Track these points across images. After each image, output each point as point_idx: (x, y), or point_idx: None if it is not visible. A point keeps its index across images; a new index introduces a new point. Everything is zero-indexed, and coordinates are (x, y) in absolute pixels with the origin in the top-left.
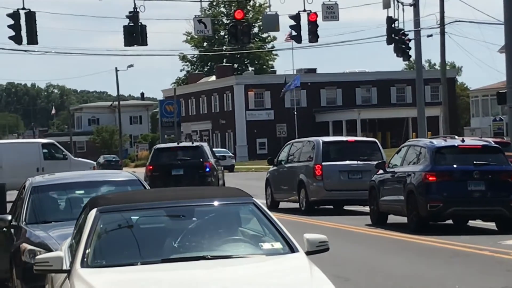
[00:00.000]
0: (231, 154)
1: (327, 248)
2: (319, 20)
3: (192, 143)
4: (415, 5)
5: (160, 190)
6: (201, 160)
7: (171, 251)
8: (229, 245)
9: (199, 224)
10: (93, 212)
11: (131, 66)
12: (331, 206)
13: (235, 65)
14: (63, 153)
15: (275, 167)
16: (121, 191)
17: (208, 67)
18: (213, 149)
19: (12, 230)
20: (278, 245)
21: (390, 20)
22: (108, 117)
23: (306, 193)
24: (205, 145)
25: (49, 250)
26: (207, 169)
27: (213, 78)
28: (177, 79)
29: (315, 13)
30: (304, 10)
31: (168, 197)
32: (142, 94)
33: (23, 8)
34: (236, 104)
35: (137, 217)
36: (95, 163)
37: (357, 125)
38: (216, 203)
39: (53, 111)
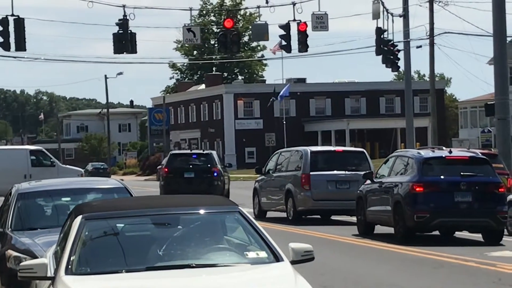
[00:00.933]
0: None
1: (312, 257)
2: (309, 30)
3: (203, 150)
4: (405, 16)
5: (146, 198)
6: (209, 165)
7: (156, 259)
8: (214, 253)
9: (184, 232)
10: (78, 219)
11: (120, 73)
12: (319, 216)
13: (225, 74)
14: (51, 160)
15: (263, 176)
16: (107, 199)
17: (198, 75)
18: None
19: None
20: (263, 254)
21: (379, 31)
22: (97, 124)
23: (293, 202)
24: (214, 153)
25: (34, 257)
26: (215, 174)
27: (203, 86)
28: (166, 87)
29: (305, 23)
30: (294, 20)
31: (154, 205)
32: (131, 102)
33: (12, 15)
34: (225, 113)
35: (123, 225)
36: (83, 170)
37: (346, 135)
38: (201, 211)
39: (41, 117)
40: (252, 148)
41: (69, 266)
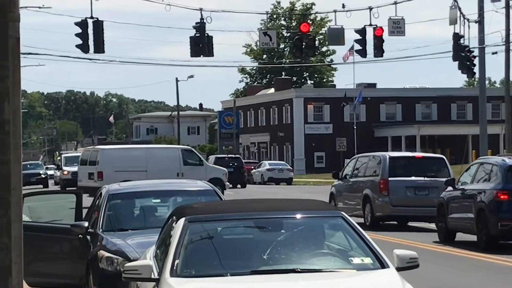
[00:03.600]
0: (289, 167)
1: (417, 264)
2: (385, 35)
3: (234, 155)
4: (480, 22)
5: (247, 201)
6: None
7: (260, 263)
8: (318, 258)
9: (288, 237)
10: (181, 222)
11: (191, 76)
12: (395, 222)
13: (294, 78)
14: (200, 159)
15: (340, 181)
16: (200, 201)
17: (267, 79)
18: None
19: (88, 237)
20: (368, 260)
21: (457, 37)
22: (166, 127)
23: (371, 208)
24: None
25: (126, 258)
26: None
27: (272, 90)
28: (235, 91)
29: (381, 27)
30: (370, 25)
31: (256, 208)
32: (201, 105)
33: (91, 17)
34: (295, 117)
35: (226, 228)
36: (226, 170)
37: (417, 141)
38: (305, 215)
39: (112, 119)
40: (321, 152)
41: (174, 268)
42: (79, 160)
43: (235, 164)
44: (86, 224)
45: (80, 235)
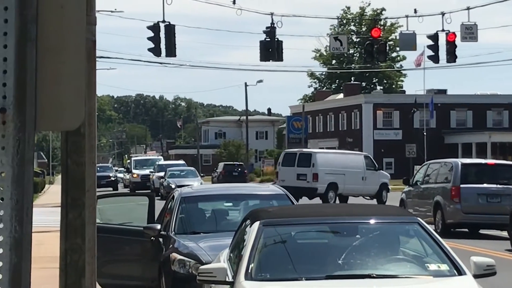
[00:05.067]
0: None
1: (494, 272)
2: (457, 40)
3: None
4: None
5: (321, 206)
6: None
7: (335, 267)
8: (394, 264)
9: (363, 242)
10: (256, 225)
11: (260, 81)
12: (466, 229)
13: (363, 84)
14: (375, 165)
15: (410, 188)
16: (273, 205)
17: (336, 84)
18: None
19: (161, 240)
20: (444, 267)
21: None
22: (234, 131)
23: (442, 214)
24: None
25: (199, 260)
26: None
27: (341, 96)
28: (304, 96)
29: (454, 33)
30: (443, 30)
31: (330, 213)
32: (269, 109)
33: (163, 21)
34: (364, 123)
35: (300, 232)
36: (389, 175)
37: (487, 148)
38: (380, 221)
39: (180, 123)
40: (390, 158)
41: (249, 272)
42: (280, 161)
43: (239, 169)
44: (158, 226)
45: (152, 238)
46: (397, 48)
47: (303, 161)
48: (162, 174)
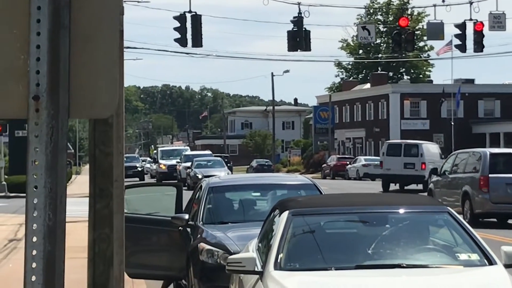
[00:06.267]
0: None
1: None
2: (485, 29)
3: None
4: None
5: (350, 195)
6: None
7: (365, 257)
8: (424, 254)
9: (392, 232)
10: (285, 215)
11: (287, 71)
12: (495, 219)
13: (390, 73)
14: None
15: (439, 177)
16: (301, 195)
17: (363, 74)
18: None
19: (188, 230)
20: (475, 257)
21: None
22: (261, 121)
23: (470, 204)
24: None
25: (227, 250)
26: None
27: (368, 85)
28: (331, 85)
29: (481, 22)
30: (470, 19)
31: (360, 202)
32: (295, 99)
33: (190, 11)
34: (391, 113)
35: (329, 221)
36: None
37: None
38: (410, 210)
39: (205, 114)
40: None
41: (278, 261)
42: (384, 151)
43: (225, 160)
44: (186, 216)
45: (180, 228)
46: (425, 38)
47: (409, 151)
48: (188, 164)
